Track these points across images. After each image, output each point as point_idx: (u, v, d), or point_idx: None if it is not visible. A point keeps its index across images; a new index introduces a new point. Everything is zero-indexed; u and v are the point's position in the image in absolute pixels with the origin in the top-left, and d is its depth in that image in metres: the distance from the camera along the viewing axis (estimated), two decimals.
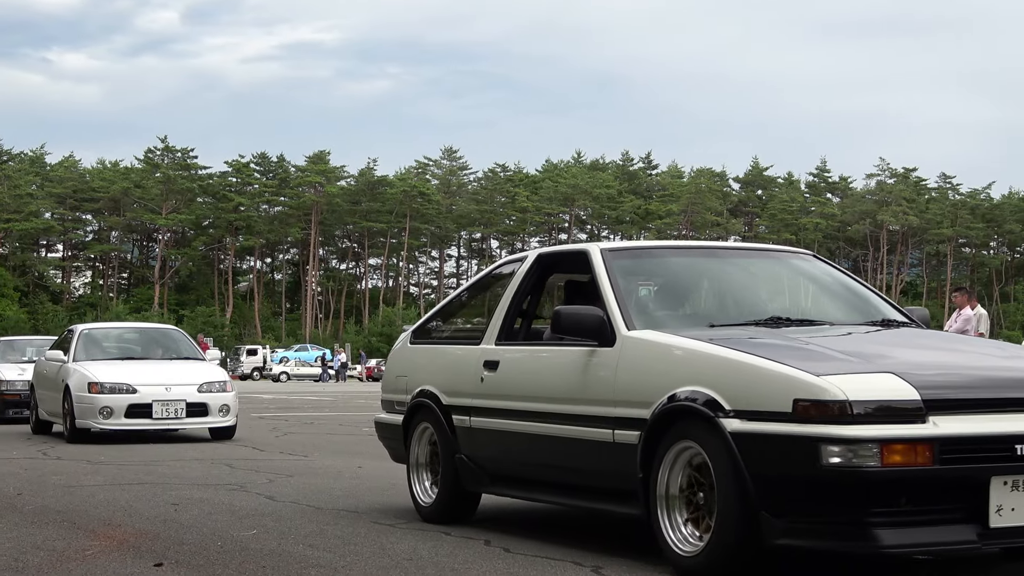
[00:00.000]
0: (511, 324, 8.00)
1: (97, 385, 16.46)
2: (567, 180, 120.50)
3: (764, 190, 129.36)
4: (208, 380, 17.02)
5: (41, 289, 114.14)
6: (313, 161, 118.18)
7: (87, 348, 17.89)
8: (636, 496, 6.40)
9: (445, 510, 8.23)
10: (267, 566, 6.56)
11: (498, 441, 7.69)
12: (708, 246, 8.48)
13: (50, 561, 6.77)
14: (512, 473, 7.72)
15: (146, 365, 17.60)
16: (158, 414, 16.50)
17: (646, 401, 6.32)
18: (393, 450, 9.14)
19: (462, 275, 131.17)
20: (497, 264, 8.91)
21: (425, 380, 8.52)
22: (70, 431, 16.67)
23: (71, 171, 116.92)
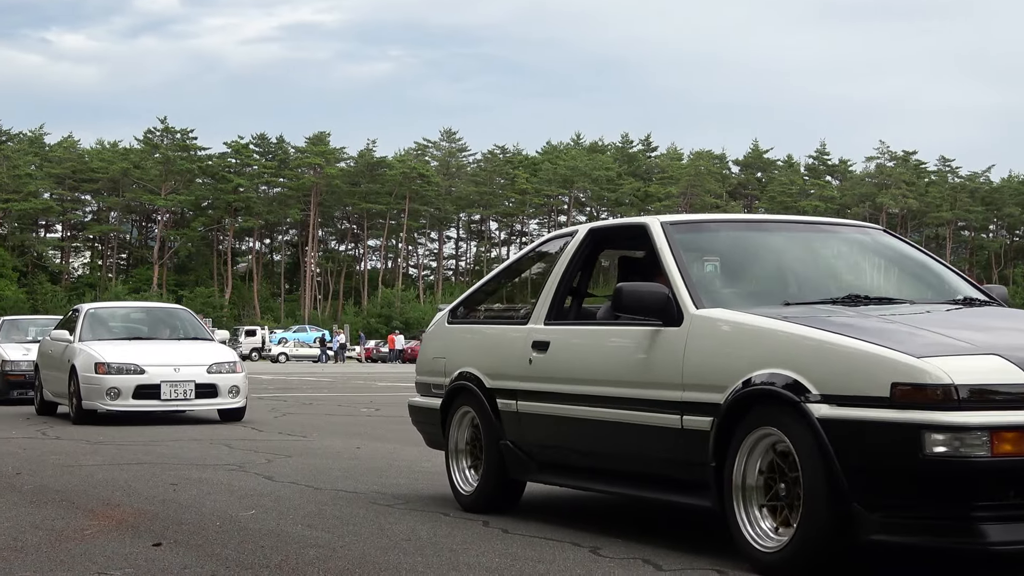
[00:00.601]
0: (561, 303, 7.51)
1: (104, 365, 16.12)
2: (566, 162, 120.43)
3: (763, 172, 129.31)
4: (217, 361, 16.72)
5: (40, 269, 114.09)
6: (313, 142, 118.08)
7: (93, 328, 17.56)
8: (707, 486, 6.05)
9: (488, 499, 7.78)
10: (265, 546, 6.57)
11: (548, 426, 7.29)
12: (773, 219, 8.00)
13: (49, 540, 6.78)
14: (563, 460, 7.31)
15: (154, 345, 17.24)
16: (167, 395, 16.18)
17: (719, 385, 5.94)
18: (429, 435, 8.71)
19: (461, 257, 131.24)
20: (543, 239, 8.44)
21: (466, 362, 8.08)
22: (76, 412, 16.37)
23: (70, 152, 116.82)
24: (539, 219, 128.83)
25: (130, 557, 6.27)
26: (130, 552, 6.41)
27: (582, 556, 6.26)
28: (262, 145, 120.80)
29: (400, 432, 14.93)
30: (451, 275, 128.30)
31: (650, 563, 6.04)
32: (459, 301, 8.78)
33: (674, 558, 6.17)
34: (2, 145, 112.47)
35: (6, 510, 7.97)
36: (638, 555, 6.25)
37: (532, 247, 8.60)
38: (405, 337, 79.93)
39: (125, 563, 6.11)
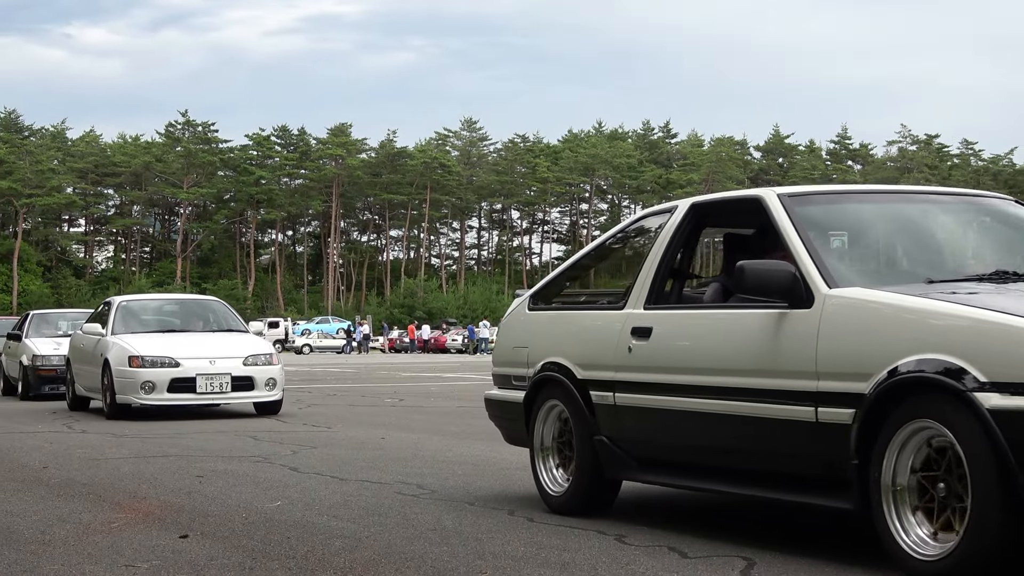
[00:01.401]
0: (661, 285, 6.90)
1: (138, 359, 15.79)
2: (587, 150, 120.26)
3: (785, 158, 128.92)
4: (254, 353, 16.36)
5: (64, 264, 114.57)
6: (334, 134, 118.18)
7: (125, 320, 17.20)
8: (846, 486, 5.46)
9: (580, 500, 7.19)
10: (291, 537, 6.58)
11: (651, 420, 6.69)
12: (901, 190, 7.39)
13: (76, 534, 6.81)
14: (669, 457, 6.77)
15: (188, 337, 16.89)
16: (202, 388, 15.85)
17: (862, 372, 5.33)
18: (508, 431, 8.13)
19: (483, 246, 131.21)
20: (636, 217, 7.82)
21: (552, 351, 7.49)
22: (110, 407, 16.04)
23: (92, 146, 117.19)
24: (560, 207, 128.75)
25: (157, 549, 6.29)
26: (157, 544, 6.43)
27: (607, 544, 6.26)
28: (284, 137, 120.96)
29: (424, 422, 14.97)
30: (473, 264, 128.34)
31: (675, 551, 6.04)
32: (541, 286, 8.18)
33: (699, 545, 6.16)
34: (25, 140, 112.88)
35: (33, 504, 8.01)
36: (663, 542, 6.25)
37: (623, 226, 7.95)
38: (430, 327, 79.98)
39: (152, 555, 6.13)
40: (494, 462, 10.19)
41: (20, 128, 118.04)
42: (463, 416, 15.99)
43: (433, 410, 17.45)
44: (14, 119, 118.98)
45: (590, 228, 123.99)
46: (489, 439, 12.28)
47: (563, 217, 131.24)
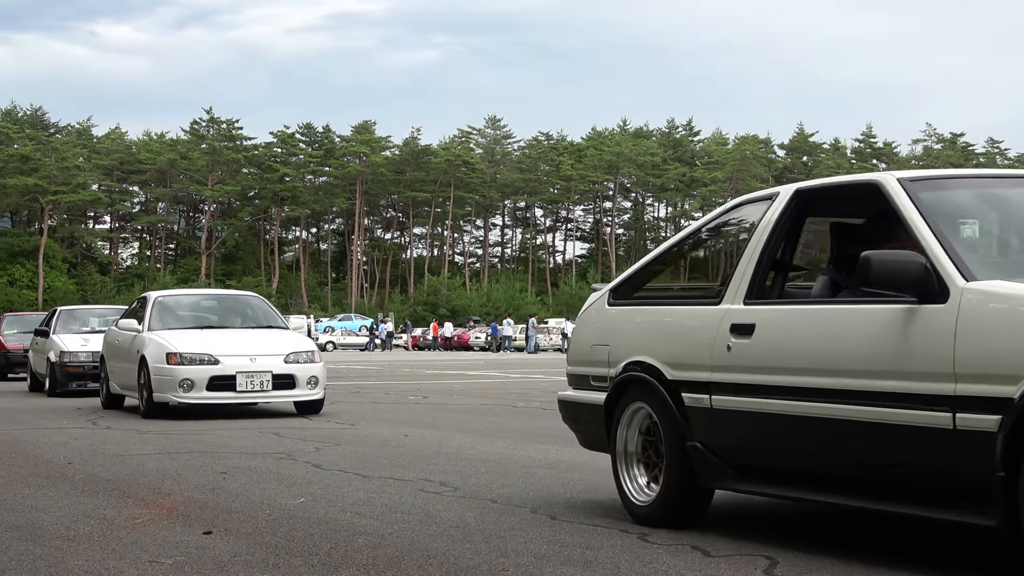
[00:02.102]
0: (763, 279, 6.40)
1: (176, 356, 15.26)
2: (611, 148, 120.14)
3: (809, 156, 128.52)
4: (295, 350, 15.82)
5: (89, 260, 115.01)
6: (358, 131, 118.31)
7: (162, 316, 16.72)
8: (988, 500, 4.93)
9: (670, 511, 6.66)
10: (315, 534, 6.60)
11: (753, 425, 6.16)
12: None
13: (101, 529, 6.83)
14: (773, 466, 6.24)
15: (227, 334, 16.33)
16: (242, 387, 15.28)
17: (1009, 375, 4.81)
18: (585, 435, 7.63)
19: (506, 244, 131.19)
20: (731, 205, 7.17)
21: (638, 349, 6.97)
22: (147, 405, 15.52)
23: (117, 143, 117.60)
24: (584, 205, 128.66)
25: (181, 545, 6.31)
26: (181, 540, 6.45)
27: (630, 542, 6.25)
28: (308, 134, 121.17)
29: (447, 419, 14.98)
30: (497, 262, 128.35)
31: (698, 549, 6.03)
32: (622, 279, 7.58)
33: (723, 544, 6.15)
34: (51, 138, 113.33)
35: (58, 500, 8.04)
36: (686, 541, 6.24)
37: (716, 214, 7.32)
38: (453, 325, 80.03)
39: (176, 551, 6.15)
40: (517, 460, 10.19)
41: (46, 125, 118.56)
42: (486, 414, 16.00)
43: (456, 408, 17.46)
44: (40, 116, 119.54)
45: (613, 226, 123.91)
46: (512, 437, 12.30)
47: (586, 215, 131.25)
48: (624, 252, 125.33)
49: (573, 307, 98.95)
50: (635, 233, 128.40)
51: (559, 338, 67.61)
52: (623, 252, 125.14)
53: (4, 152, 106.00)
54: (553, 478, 8.93)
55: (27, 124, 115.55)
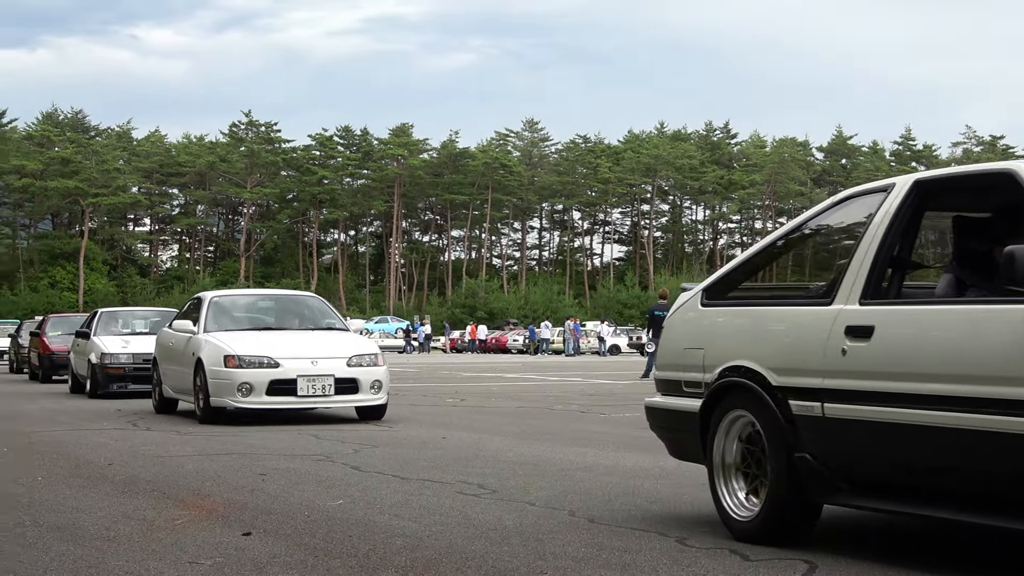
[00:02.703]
0: (879, 277, 5.94)
1: (235, 358, 14.58)
2: (649, 151, 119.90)
3: (848, 159, 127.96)
4: (358, 353, 15.12)
5: (129, 263, 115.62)
6: (396, 134, 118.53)
7: (217, 317, 16.05)
8: None
9: (774, 526, 6.21)
10: (353, 536, 6.61)
11: (873, 436, 5.64)
12: None
13: (141, 530, 6.87)
14: (896, 480, 5.75)
15: (286, 336, 15.63)
16: (303, 391, 14.55)
17: None
18: (676, 444, 7.20)
19: (544, 246, 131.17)
20: (839, 198, 6.68)
21: (737, 353, 6.54)
22: (203, 410, 14.85)
23: (157, 146, 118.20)
24: (622, 208, 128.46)
25: (220, 547, 6.34)
26: (220, 542, 6.48)
27: (668, 546, 6.24)
28: (346, 137, 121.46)
29: (485, 422, 14.98)
30: (534, 265, 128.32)
31: (737, 553, 6.01)
32: (716, 278, 7.13)
33: (761, 548, 6.13)
34: (91, 140, 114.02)
35: (99, 500, 8.09)
36: (725, 545, 6.22)
37: (821, 208, 6.81)
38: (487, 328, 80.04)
39: (215, 552, 6.18)
40: (554, 463, 10.18)
41: (86, 128, 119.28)
42: (524, 416, 15.99)
43: (494, 410, 17.46)
44: (81, 119, 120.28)
45: (651, 229, 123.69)
46: (549, 440, 12.29)
47: (624, 218, 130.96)
48: (662, 255, 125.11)
49: (611, 310, 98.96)
50: (673, 236, 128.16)
51: (596, 341, 67.59)
52: (661, 255, 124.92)
53: (45, 155, 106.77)
54: (591, 481, 8.92)
55: (68, 127, 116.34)
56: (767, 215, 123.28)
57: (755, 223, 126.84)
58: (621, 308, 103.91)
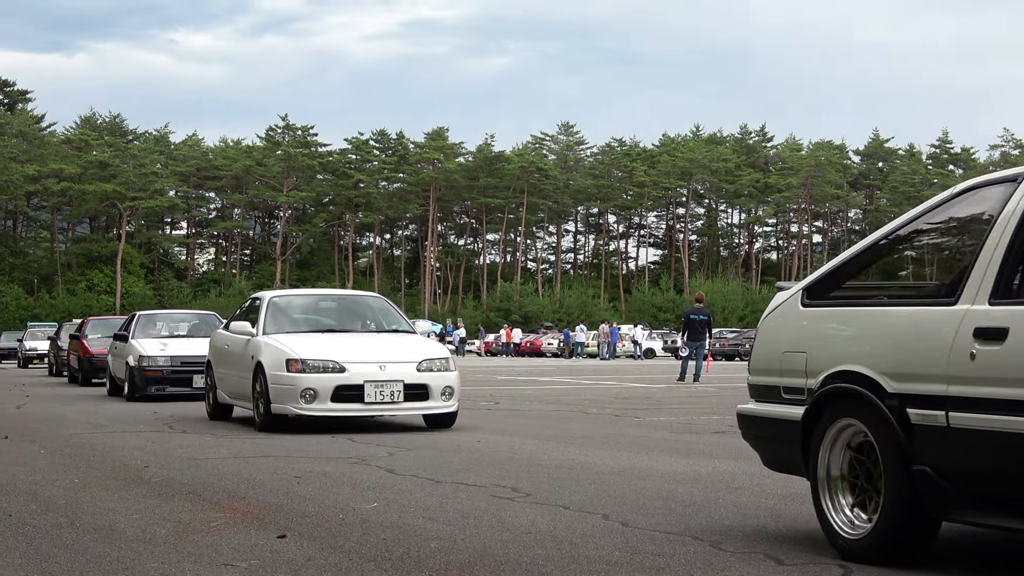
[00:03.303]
0: (1011, 274, 5.48)
1: (298, 362, 13.71)
2: (684, 154, 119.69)
3: (885, 162, 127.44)
4: (429, 357, 14.27)
5: (166, 266, 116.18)
6: (432, 138, 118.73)
7: (277, 319, 15.18)
8: None
9: (888, 545, 5.78)
10: (388, 538, 6.62)
11: (1008, 448, 5.12)
12: None
13: (176, 532, 6.90)
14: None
15: (351, 339, 14.80)
16: (371, 397, 13.72)
17: None
18: (773, 454, 6.72)
19: (579, 250, 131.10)
20: (964, 188, 6.16)
21: (845, 357, 6.07)
22: (263, 418, 14.07)
23: (194, 150, 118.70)
24: (657, 212, 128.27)
25: (255, 549, 6.36)
26: (255, 544, 6.51)
27: (702, 550, 6.23)
28: (382, 141, 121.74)
29: (519, 425, 14.99)
30: (569, 268, 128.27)
31: (771, 557, 6.00)
32: (819, 276, 6.69)
33: (796, 552, 6.12)
34: (129, 144, 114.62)
35: (135, 503, 8.13)
36: (759, 549, 6.21)
37: (940, 200, 6.30)
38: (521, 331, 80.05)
39: (251, 555, 6.20)
40: (588, 466, 10.18)
41: (124, 132, 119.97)
42: (558, 420, 15.99)
43: (528, 413, 17.46)
44: (119, 123, 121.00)
45: (687, 232, 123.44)
46: (583, 443, 12.28)
47: (659, 221, 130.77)
48: (697, 258, 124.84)
49: (646, 313, 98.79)
50: (708, 239, 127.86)
51: (631, 344, 67.50)
52: (696, 258, 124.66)
53: (83, 159, 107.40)
54: (625, 485, 8.91)
55: (106, 131, 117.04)
56: (803, 219, 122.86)
57: (791, 226, 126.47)
58: (656, 312, 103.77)
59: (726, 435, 13.26)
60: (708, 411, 17.49)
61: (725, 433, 13.52)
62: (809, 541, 6.43)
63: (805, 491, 8.18)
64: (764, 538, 6.50)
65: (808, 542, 6.40)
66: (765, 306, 6.90)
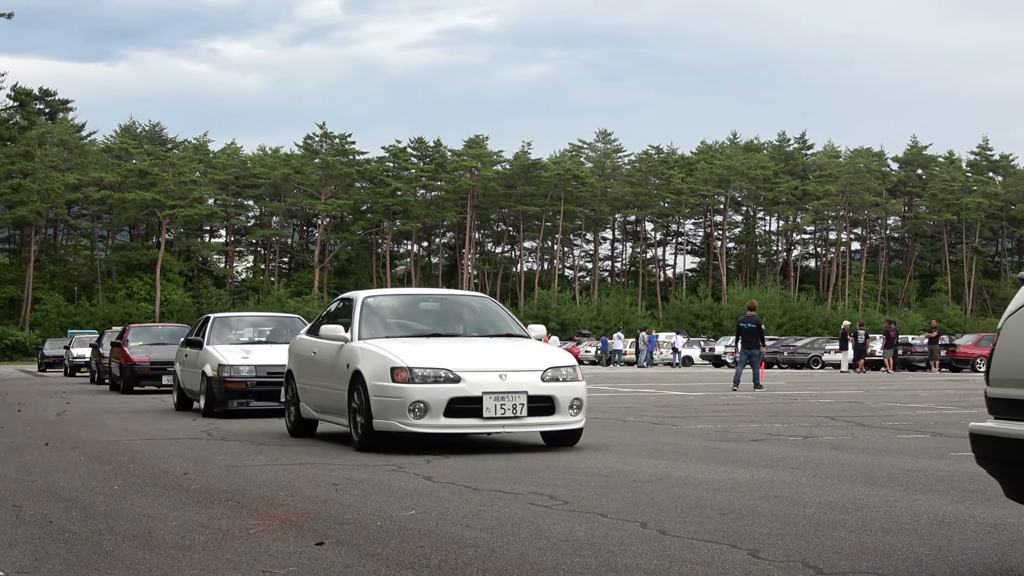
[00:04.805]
0: None
1: (405, 371, 12.02)
2: (722, 161, 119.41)
3: (924, 169, 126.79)
4: (554, 365, 12.53)
5: (205, 274, 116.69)
6: (469, 145, 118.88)
7: (371, 322, 13.54)
8: None
9: None
10: (425, 546, 6.63)
11: None
12: None
13: (215, 539, 6.93)
14: None
15: (462, 344, 13.10)
16: (490, 412, 12.00)
17: None
18: (1020, 481, 5.31)
19: (616, 258, 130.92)
20: None
21: None
22: (363, 434, 12.36)
23: (233, 158, 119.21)
24: (695, 219, 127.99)
25: (293, 556, 6.38)
26: (293, 551, 6.53)
27: (740, 558, 6.21)
28: (419, 149, 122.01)
29: None
30: (607, 276, 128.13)
31: (811, 566, 5.97)
32: None
33: (836, 560, 6.08)
34: (168, 153, 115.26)
35: (174, 509, 8.17)
36: (797, 557, 6.18)
37: None
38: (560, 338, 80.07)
39: (289, 562, 6.22)
40: (626, 474, 10.16)
41: (164, 141, 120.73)
42: (595, 428, 15.95)
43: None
44: (158, 132, 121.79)
45: (724, 240, 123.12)
46: (621, 451, 12.25)
47: (697, 229, 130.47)
48: (735, 266, 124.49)
49: (683, 321, 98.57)
50: (746, 247, 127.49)
51: (669, 352, 67.37)
52: (733, 266, 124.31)
53: (123, 167, 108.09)
54: (662, 492, 8.88)
55: (146, 140, 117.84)
56: (841, 226, 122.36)
57: (829, 234, 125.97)
58: (694, 319, 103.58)
59: (764, 443, 13.22)
60: (746, 419, 17.43)
61: (763, 441, 13.48)
62: (849, 550, 6.40)
63: (844, 500, 8.17)
64: (803, 547, 6.47)
65: (848, 551, 6.36)
66: (804, 313, 6.60)
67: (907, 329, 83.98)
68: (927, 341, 52.49)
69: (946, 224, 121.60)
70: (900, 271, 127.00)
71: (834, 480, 9.56)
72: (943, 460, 11.26)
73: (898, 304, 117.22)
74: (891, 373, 47.02)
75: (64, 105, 46.28)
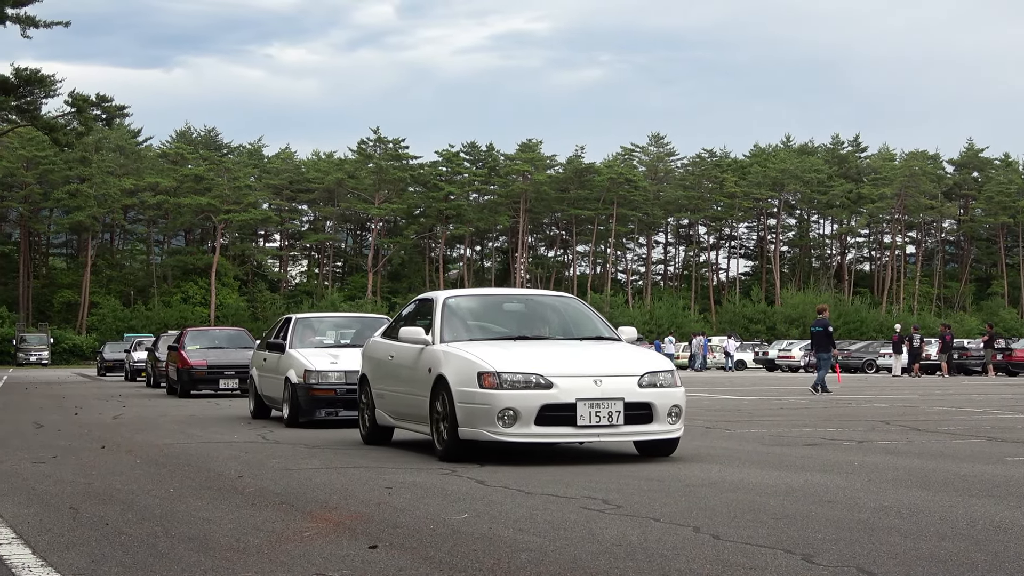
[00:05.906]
0: None
1: (492, 376, 11.29)
2: (776, 164, 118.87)
3: (980, 172, 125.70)
4: (652, 370, 11.81)
5: (259, 278, 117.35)
6: (522, 150, 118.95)
7: (452, 324, 12.78)
8: None
9: None
10: (478, 550, 6.64)
11: None
12: None
13: (269, 542, 6.97)
14: None
15: (552, 348, 12.31)
16: (584, 420, 11.24)
17: None
18: None
19: (669, 262, 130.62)
20: None
21: None
22: (447, 443, 11.71)
23: (287, 163, 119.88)
24: (748, 223, 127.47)
25: (347, 559, 6.40)
26: (347, 554, 6.55)
27: (794, 563, 6.18)
28: (472, 153, 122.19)
29: None
30: (659, 280, 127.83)
31: (865, 571, 5.93)
32: None
33: (891, 566, 6.04)
34: (223, 158, 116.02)
35: (229, 512, 8.22)
36: (852, 563, 6.14)
37: None
38: None
39: (342, 565, 6.24)
40: (679, 478, 10.13)
41: (219, 146, 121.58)
42: None
43: None
44: (213, 137, 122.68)
45: (778, 243, 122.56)
46: (673, 456, 12.21)
47: (750, 232, 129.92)
48: (788, 270, 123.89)
49: (736, 325, 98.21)
50: (800, 251, 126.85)
51: (722, 356, 67.17)
52: (787, 270, 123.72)
53: (179, 172, 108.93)
54: (715, 497, 8.86)
55: (201, 145, 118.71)
56: (896, 229, 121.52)
57: (884, 237, 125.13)
58: (747, 323, 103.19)
59: (818, 447, 13.14)
60: (799, 423, 17.34)
61: (817, 446, 13.41)
62: (904, 556, 6.36)
63: (898, 505, 8.12)
64: (858, 552, 6.43)
65: (903, 556, 6.32)
66: (859, 317, 6.63)
67: (962, 333, 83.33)
68: (983, 345, 52.08)
69: (1002, 227, 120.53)
70: (956, 275, 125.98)
71: (889, 485, 9.50)
72: (999, 465, 11.17)
73: (953, 308, 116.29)
74: (946, 377, 46.68)
75: (121, 111, 46.60)
